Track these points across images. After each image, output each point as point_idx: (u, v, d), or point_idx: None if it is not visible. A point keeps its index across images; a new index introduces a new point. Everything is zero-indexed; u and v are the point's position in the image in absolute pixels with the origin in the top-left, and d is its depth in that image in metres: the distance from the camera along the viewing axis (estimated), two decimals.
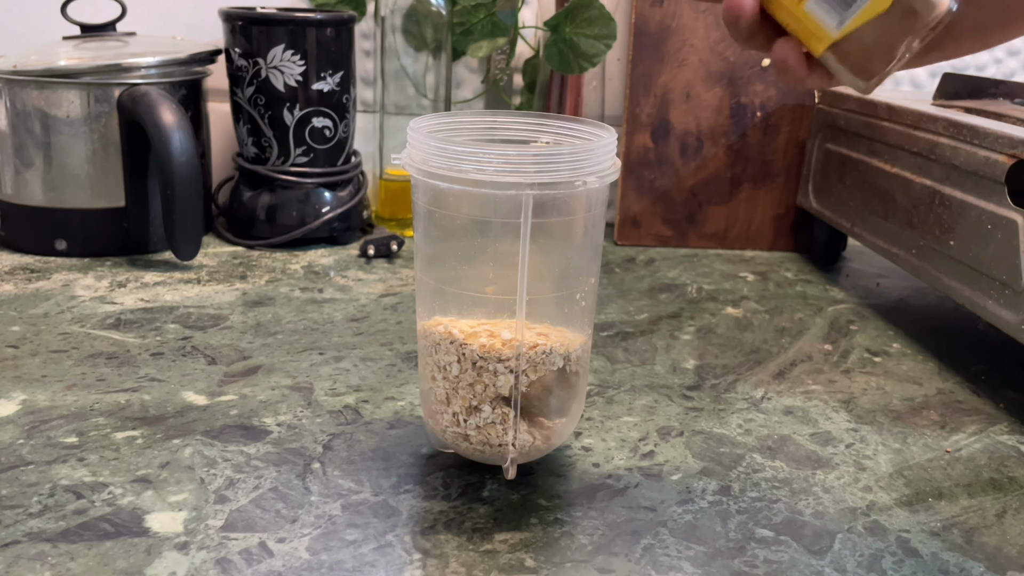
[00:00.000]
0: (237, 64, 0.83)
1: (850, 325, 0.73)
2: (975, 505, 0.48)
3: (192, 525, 0.42)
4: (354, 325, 0.68)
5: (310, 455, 0.49)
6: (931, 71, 1.00)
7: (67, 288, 0.72)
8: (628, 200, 0.93)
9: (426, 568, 0.40)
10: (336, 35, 0.83)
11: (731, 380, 0.62)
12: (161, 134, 0.74)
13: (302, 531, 0.42)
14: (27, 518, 0.42)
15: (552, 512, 0.45)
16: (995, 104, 0.72)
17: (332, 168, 0.87)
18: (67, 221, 0.80)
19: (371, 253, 0.83)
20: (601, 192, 0.45)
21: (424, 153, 0.43)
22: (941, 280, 0.66)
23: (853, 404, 0.59)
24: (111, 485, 0.45)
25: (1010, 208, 0.58)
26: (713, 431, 0.54)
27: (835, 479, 0.49)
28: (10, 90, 0.78)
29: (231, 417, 0.53)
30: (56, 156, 0.78)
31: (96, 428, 0.51)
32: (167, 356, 0.61)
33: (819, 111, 0.88)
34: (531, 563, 0.41)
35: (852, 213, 0.80)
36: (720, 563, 0.42)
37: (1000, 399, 0.61)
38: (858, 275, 0.87)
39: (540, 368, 0.44)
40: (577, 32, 0.84)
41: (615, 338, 0.68)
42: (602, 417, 0.55)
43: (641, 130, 0.91)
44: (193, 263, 0.80)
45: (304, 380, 0.58)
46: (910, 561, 0.43)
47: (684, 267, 0.87)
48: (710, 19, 0.89)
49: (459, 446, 0.47)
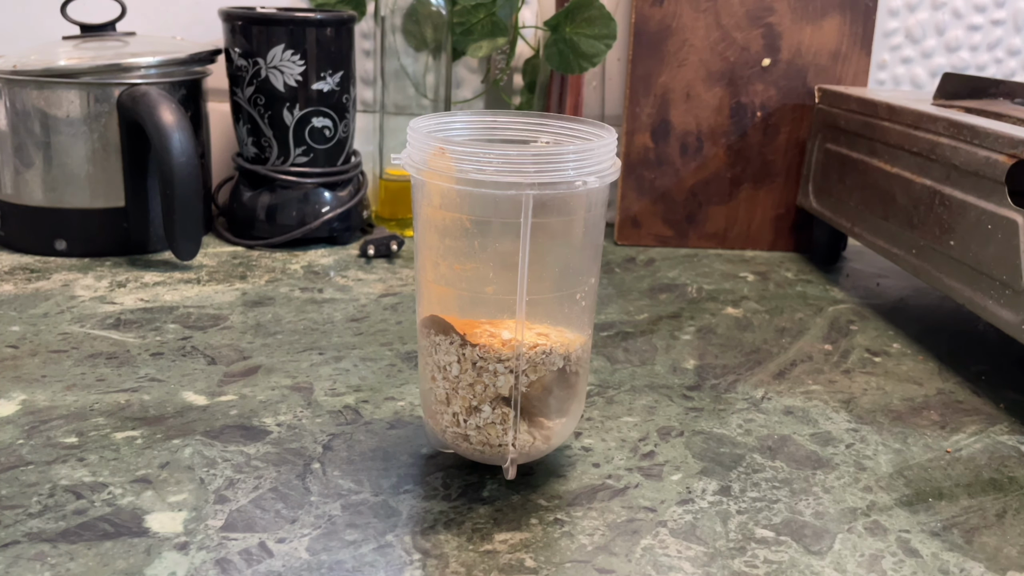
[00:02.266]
0: (237, 64, 0.83)
1: (850, 325, 0.73)
2: (975, 505, 0.48)
3: (192, 525, 0.42)
4: (354, 325, 0.68)
5: (310, 455, 0.49)
6: (931, 71, 1.00)
7: (67, 288, 0.72)
8: (628, 200, 0.93)
9: (426, 568, 0.40)
10: (336, 35, 0.83)
11: (731, 380, 0.62)
12: (161, 134, 0.74)
13: (302, 531, 0.42)
14: (27, 518, 0.42)
15: (552, 512, 0.45)
16: (995, 104, 0.72)
17: (332, 168, 0.86)
18: (67, 221, 0.80)
19: (371, 253, 0.83)
20: (601, 192, 0.45)
21: (424, 153, 0.43)
22: (941, 280, 0.66)
23: (853, 404, 0.59)
24: (111, 485, 0.45)
25: (1010, 208, 0.58)
26: (713, 431, 0.54)
27: (835, 479, 0.49)
28: (10, 90, 0.78)
29: (231, 417, 0.53)
30: (56, 156, 0.78)
31: (96, 428, 0.51)
32: (167, 356, 0.61)
33: (819, 111, 0.88)
34: (531, 563, 0.41)
35: (852, 213, 0.80)
36: (720, 563, 0.42)
37: (1000, 399, 0.61)
38: (858, 275, 0.87)
39: (540, 368, 0.44)
40: (577, 32, 0.84)
41: (615, 338, 0.68)
42: (602, 417, 0.55)
43: (641, 130, 0.91)
44: (193, 263, 0.80)
45: (304, 380, 0.58)
46: (910, 561, 0.43)
47: (684, 267, 0.87)
48: (710, 19, 0.89)
49: (459, 446, 0.47)
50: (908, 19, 0.98)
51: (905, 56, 0.99)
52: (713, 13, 0.89)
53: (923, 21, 0.98)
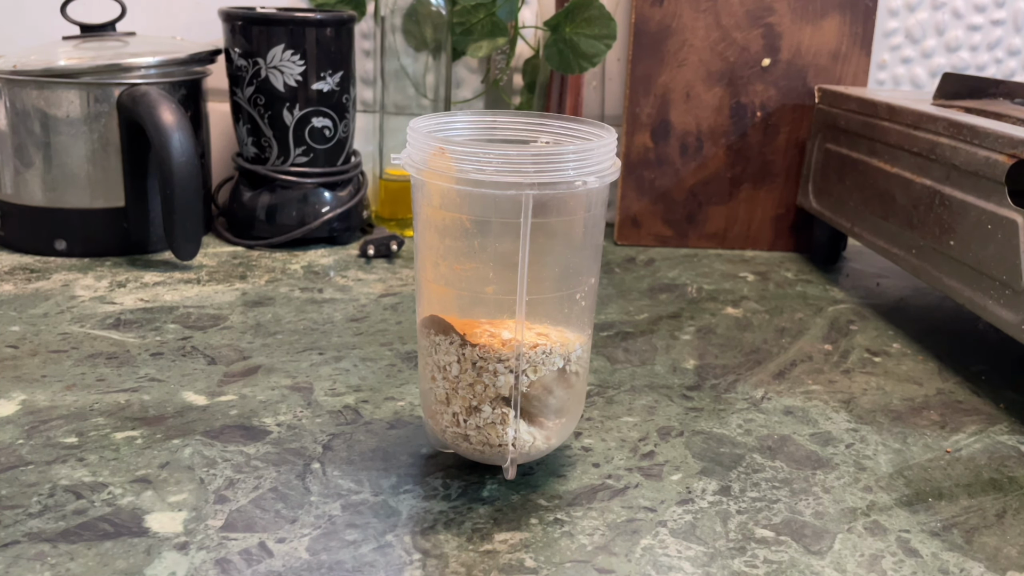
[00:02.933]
0: (237, 64, 0.83)
1: (850, 325, 0.73)
2: (975, 505, 0.48)
3: (192, 525, 0.42)
4: (354, 325, 0.68)
5: (310, 455, 0.49)
6: (931, 71, 1.00)
7: (67, 288, 0.72)
8: (628, 200, 0.93)
9: (426, 568, 0.40)
10: (336, 35, 0.83)
11: (731, 380, 0.62)
12: (161, 134, 0.74)
13: (302, 531, 0.42)
14: (27, 518, 0.42)
15: (552, 512, 0.45)
16: (995, 104, 0.72)
17: (332, 168, 0.86)
18: (67, 221, 0.80)
19: (371, 253, 0.83)
20: (601, 192, 0.45)
21: (424, 153, 0.43)
22: (941, 280, 0.66)
23: (853, 404, 0.59)
24: (111, 485, 0.45)
25: (1010, 208, 0.58)
26: (713, 431, 0.54)
27: (835, 479, 0.49)
28: (10, 90, 0.78)
29: (231, 417, 0.53)
30: (56, 156, 0.78)
31: (96, 428, 0.51)
32: (167, 356, 0.61)
33: (819, 111, 0.88)
34: (531, 563, 0.41)
35: (852, 213, 0.80)
36: (720, 563, 0.42)
37: (1000, 399, 0.61)
38: (858, 275, 0.87)
39: (540, 368, 0.44)
40: (577, 32, 0.84)
41: (615, 338, 0.68)
42: (602, 417, 0.55)
43: (641, 130, 0.91)
44: (193, 263, 0.80)
45: (304, 380, 0.58)
46: (910, 561, 0.43)
47: (684, 267, 0.87)
48: (710, 19, 0.89)
49: (459, 446, 0.47)
50: (908, 19, 0.98)
51: (905, 56, 0.99)
52: (713, 13, 0.89)
53: (923, 21, 0.98)
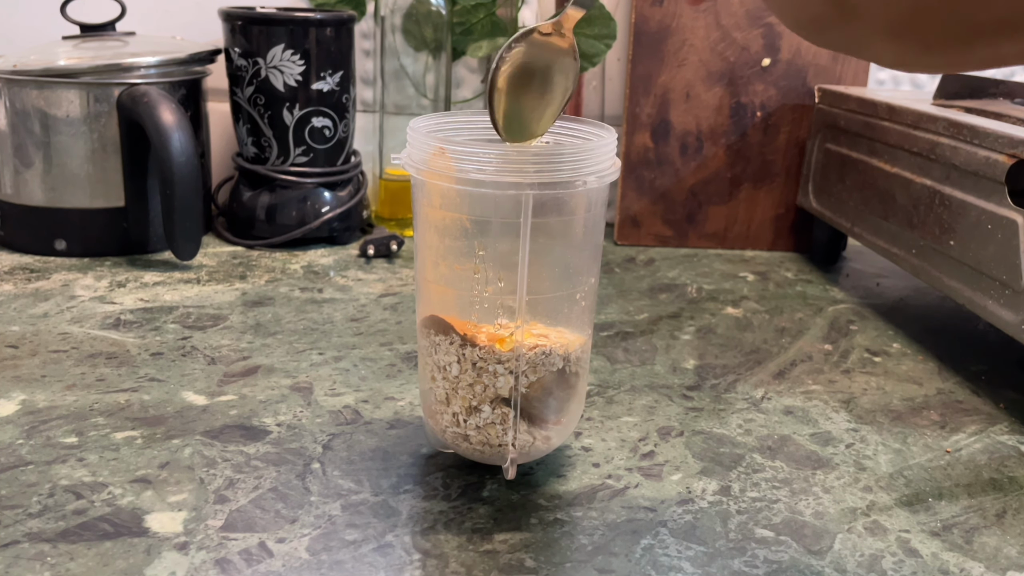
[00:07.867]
0: (237, 64, 0.83)
1: (850, 325, 0.73)
2: (975, 505, 0.48)
3: (192, 525, 0.42)
4: (354, 325, 0.68)
5: (310, 455, 0.49)
6: None
7: (67, 288, 0.72)
8: (628, 200, 0.93)
9: (426, 568, 0.40)
10: (336, 35, 0.83)
11: (731, 380, 0.62)
12: (161, 134, 0.74)
13: (302, 531, 0.42)
14: (27, 518, 0.42)
15: (552, 512, 0.45)
16: (995, 104, 0.72)
17: (332, 168, 0.86)
18: (67, 221, 0.80)
19: (371, 253, 0.83)
20: (601, 192, 0.45)
21: (424, 153, 0.43)
22: (941, 280, 0.66)
23: (853, 404, 0.59)
24: (111, 485, 0.45)
25: (1010, 208, 0.58)
26: (713, 431, 0.54)
27: (835, 479, 0.49)
28: (10, 90, 0.78)
29: (231, 417, 0.53)
30: (56, 156, 0.78)
31: (96, 428, 0.51)
32: (167, 356, 0.61)
33: (819, 111, 0.88)
34: (531, 563, 0.41)
35: (852, 213, 0.80)
36: (720, 563, 0.42)
37: (1000, 399, 0.61)
38: (858, 275, 0.87)
39: (540, 369, 0.44)
40: (577, 32, 0.84)
41: (615, 338, 0.68)
42: (602, 417, 0.55)
43: (641, 130, 0.91)
44: (193, 263, 0.80)
45: (304, 380, 0.58)
46: (910, 561, 0.43)
47: (684, 267, 0.87)
48: (710, 19, 0.89)
49: (459, 446, 0.47)
50: None
51: None
52: (713, 13, 0.89)
53: None
